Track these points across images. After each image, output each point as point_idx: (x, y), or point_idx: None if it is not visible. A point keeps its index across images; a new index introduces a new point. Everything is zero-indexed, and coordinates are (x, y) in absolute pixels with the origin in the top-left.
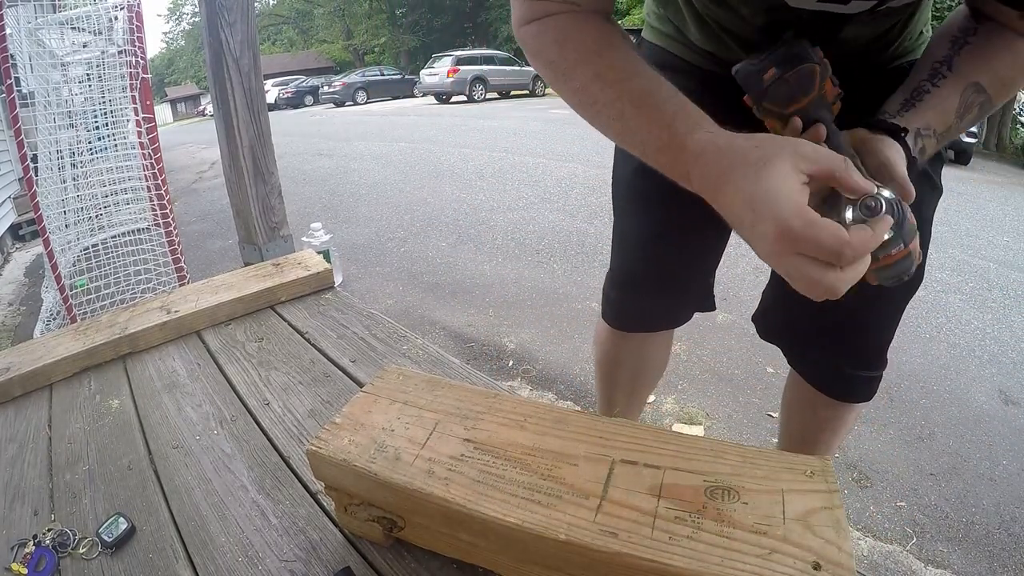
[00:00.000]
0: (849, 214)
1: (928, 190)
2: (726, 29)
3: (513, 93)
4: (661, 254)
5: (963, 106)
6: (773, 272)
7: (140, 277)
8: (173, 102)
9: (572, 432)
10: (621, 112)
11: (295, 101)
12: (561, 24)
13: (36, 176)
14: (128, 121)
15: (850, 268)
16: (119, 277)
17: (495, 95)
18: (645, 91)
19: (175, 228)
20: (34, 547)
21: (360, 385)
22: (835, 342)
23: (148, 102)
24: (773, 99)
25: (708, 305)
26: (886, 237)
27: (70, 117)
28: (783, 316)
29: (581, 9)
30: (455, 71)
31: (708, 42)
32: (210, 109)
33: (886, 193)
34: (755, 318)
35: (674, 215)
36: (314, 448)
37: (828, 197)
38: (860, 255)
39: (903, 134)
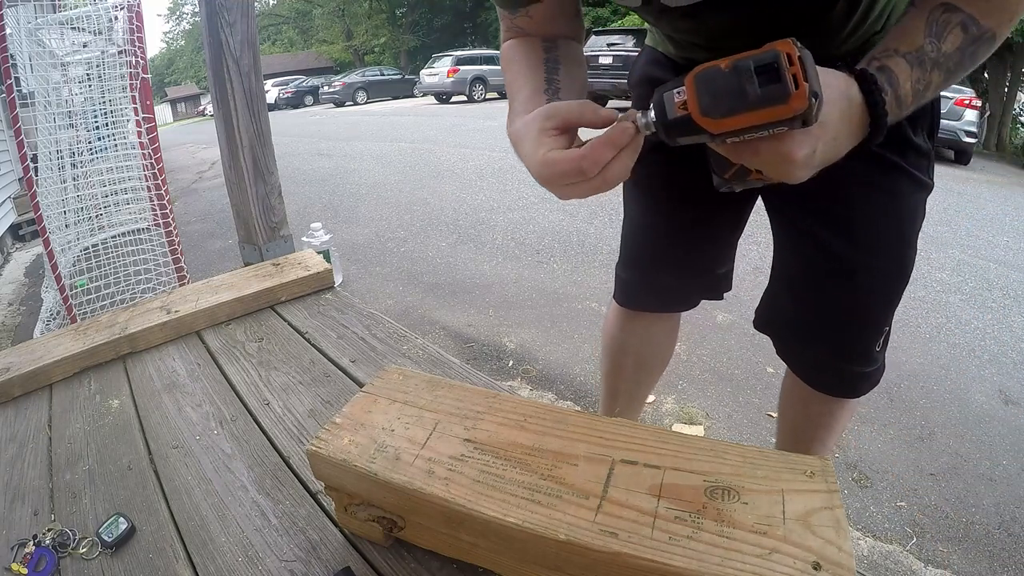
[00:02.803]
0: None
1: (907, 184)
2: (686, 43)
3: None
4: (663, 234)
5: (933, 24)
6: (772, 266)
7: (140, 277)
8: (173, 102)
9: (572, 432)
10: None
11: (295, 101)
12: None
13: (36, 176)
14: (128, 121)
15: (608, 169)
16: (119, 277)
17: (495, 95)
18: (515, 77)
19: (175, 228)
20: (34, 547)
21: (360, 385)
22: (818, 334)
23: (148, 102)
24: None
25: (714, 294)
26: (643, 131)
27: (70, 117)
28: (771, 306)
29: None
30: (455, 71)
31: (681, 52)
32: (210, 109)
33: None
34: (756, 310)
35: (675, 201)
36: (314, 448)
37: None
38: (598, 157)
39: (839, 64)
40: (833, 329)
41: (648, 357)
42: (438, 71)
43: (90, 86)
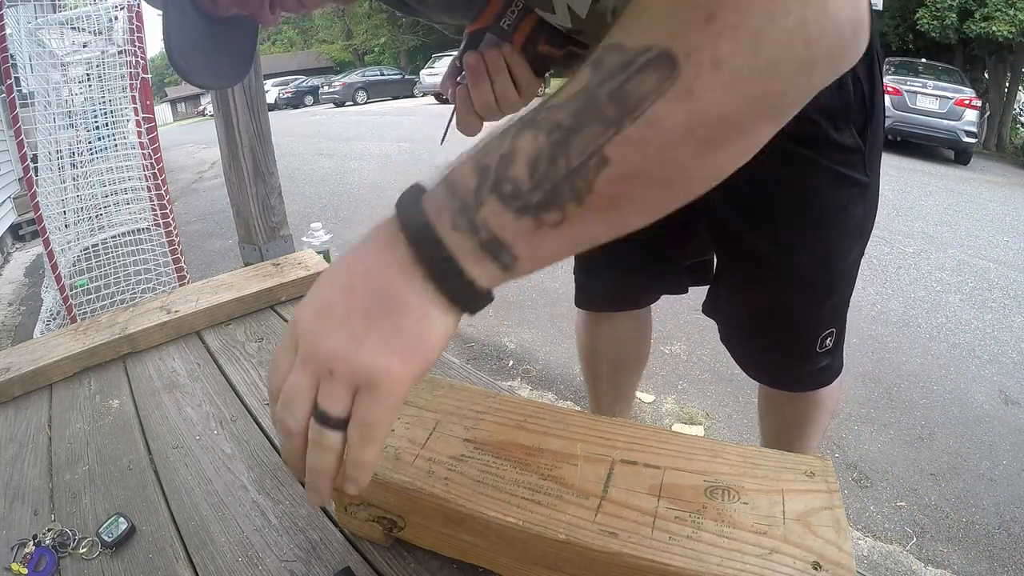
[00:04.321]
0: None
1: (827, 182)
2: None
3: None
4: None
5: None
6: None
7: (140, 277)
8: (173, 102)
9: (572, 432)
10: None
11: (295, 101)
12: None
13: (36, 176)
14: (128, 121)
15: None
16: (119, 277)
17: None
18: None
19: (175, 228)
20: (34, 547)
21: None
22: (749, 328)
23: (148, 102)
24: None
25: (677, 289)
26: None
27: (70, 117)
28: (712, 297)
29: None
30: None
31: None
32: (210, 109)
33: None
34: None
35: None
36: None
37: None
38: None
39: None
40: (764, 325)
41: (622, 358)
42: (438, 71)
43: (90, 86)
